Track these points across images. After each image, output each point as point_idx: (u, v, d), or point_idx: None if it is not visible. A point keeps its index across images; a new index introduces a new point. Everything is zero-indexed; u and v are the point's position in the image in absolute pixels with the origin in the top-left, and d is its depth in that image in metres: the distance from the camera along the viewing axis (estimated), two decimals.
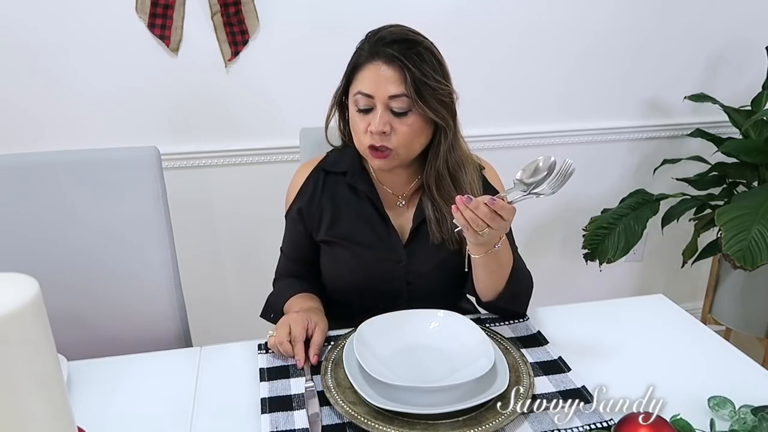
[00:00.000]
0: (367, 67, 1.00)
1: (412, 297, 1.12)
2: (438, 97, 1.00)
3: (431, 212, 1.09)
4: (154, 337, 1.21)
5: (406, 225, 1.12)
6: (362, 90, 1.00)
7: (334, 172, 1.14)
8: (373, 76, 0.99)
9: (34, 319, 0.52)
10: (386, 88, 0.98)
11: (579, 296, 2.14)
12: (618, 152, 2.08)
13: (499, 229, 0.89)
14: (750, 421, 0.80)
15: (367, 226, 1.11)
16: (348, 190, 1.12)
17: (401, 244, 1.11)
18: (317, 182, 1.14)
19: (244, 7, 1.63)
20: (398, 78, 0.98)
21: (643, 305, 1.17)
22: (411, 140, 1.02)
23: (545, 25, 1.84)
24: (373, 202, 1.11)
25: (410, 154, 1.05)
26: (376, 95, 0.99)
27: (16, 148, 1.63)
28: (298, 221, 1.14)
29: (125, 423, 0.86)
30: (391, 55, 0.98)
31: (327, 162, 1.15)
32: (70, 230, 1.16)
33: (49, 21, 1.56)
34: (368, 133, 1.01)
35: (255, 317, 1.18)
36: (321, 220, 1.12)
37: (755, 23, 1.97)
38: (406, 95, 0.98)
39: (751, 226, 1.54)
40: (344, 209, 1.12)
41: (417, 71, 0.97)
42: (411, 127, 1.01)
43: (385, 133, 1.00)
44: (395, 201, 1.13)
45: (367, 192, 1.11)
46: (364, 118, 1.02)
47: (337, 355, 0.95)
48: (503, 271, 1.03)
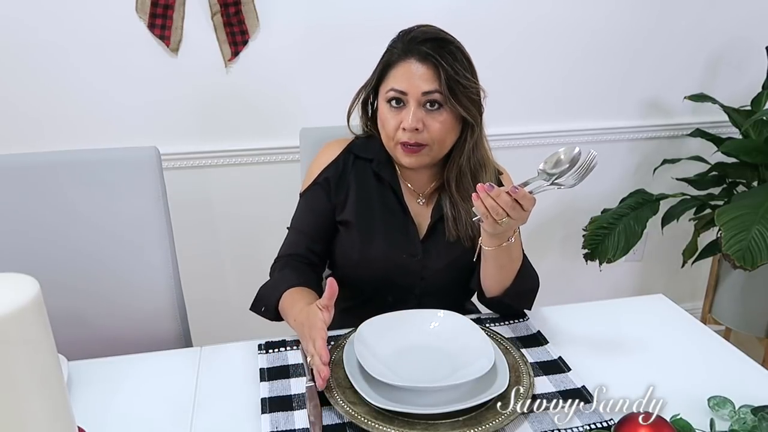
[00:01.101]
0: (400, 65, 1.03)
1: (423, 293, 1.13)
2: (468, 94, 1.03)
3: (449, 210, 1.11)
4: (154, 337, 1.21)
5: (424, 222, 1.14)
6: (395, 87, 1.03)
7: (362, 157, 1.14)
8: (407, 73, 1.02)
9: (34, 319, 0.52)
10: (420, 85, 1.01)
11: (579, 296, 2.14)
12: (618, 152, 2.08)
13: (519, 219, 0.90)
14: (750, 421, 0.80)
15: (389, 215, 1.12)
16: (373, 177, 1.14)
17: (419, 238, 1.12)
18: (347, 161, 1.14)
19: (244, 7, 1.63)
20: (432, 75, 1.01)
21: (643, 305, 1.17)
22: (443, 136, 1.05)
23: (545, 24, 1.84)
24: (396, 193, 1.13)
25: (442, 150, 1.07)
26: (409, 92, 1.02)
27: (16, 149, 1.63)
28: (324, 191, 1.13)
29: (125, 423, 0.86)
30: (425, 53, 1.01)
31: (355, 145, 1.16)
32: (70, 230, 1.16)
33: (48, 21, 1.56)
34: (400, 130, 1.03)
35: (255, 317, 1.18)
36: (347, 199, 1.13)
37: (755, 23, 1.97)
38: (440, 92, 1.01)
39: (751, 226, 1.54)
40: (369, 195, 1.13)
41: (450, 69, 1.00)
42: (443, 124, 1.03)
43: (418, 130, 1.02)
44: (415, 198, 1.15)
45: (391, 182, 1.13)
46: (396, 116, 1.04)
47: (337, 355, 0.95)
48: (513, 267, 1.04)
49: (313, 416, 0.83)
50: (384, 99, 1.05)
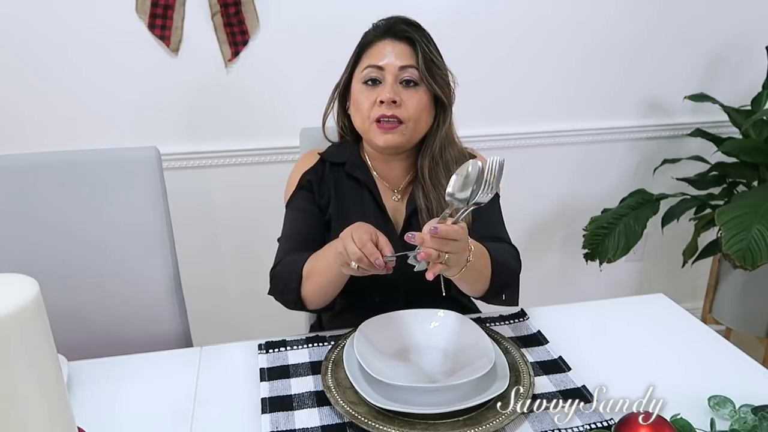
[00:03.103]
0: (376, 45, 1.07)
1: (409, 288, 1.11)
2: (442, 76, 1.06)
3: (422, 201, 1.10)
4: (154, 337, 1.21)
5: (400, 218, 1.14)
6: (372, 63, 1.05)
7: (334, 162, 1.15)
8: (384, 50, 1.05)
9: (34, 319, 0.52)
10: (397, 61, 1.04)
11: (579, 296, 2.14)
12: (618, 152, 2.08)
13: (459, 249, 0.85)
14: (750, 420, 0.80)
15: (366, 215, 1.12)
16: (348, 180, 1.14)
17: (396, 234, 1.12)
18: (324, 169, 1.16)
19: (244, 8, 1.63)
20: (409, 52, 1.05)
21: (643, 305, 1.17)
22: (419, 114, 1.06)
23: (545, 24, 1.84)
24: (371, 191, 1.13)
25: (417, 130, 1.08)
26: (386, 67, 1.04)
27: (16, 149, 1.63)
28: (309, 192, 1.14)
29: (125, 423, 0.86)
30: (402, 31, 1.05)
31: (327, 153, 1.18)
32: (70, 230, 1.16)
33: (49, 21, 1.56)
34: (376, 105, 1.04)
35: (255, 317, 1.18)
36: (329, 203, 1.13)
37: (755, 23, 1.97)
38: (416, 68, 1.04)
39: (751, 225, 1.54)
40: (347, 197, 1.13)
41: (426, 48, 1.04)
42: (420, 102, 1.05)
43: (395, 103, 1.03)
44: (390, 195, 1.15)
45: (365, 181, 1.13)
46: (372, 92, 1.05)
47: (337, 355, 0.95)
48: (484, 274, 0.99)
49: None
50: (360, 80, 1.07)
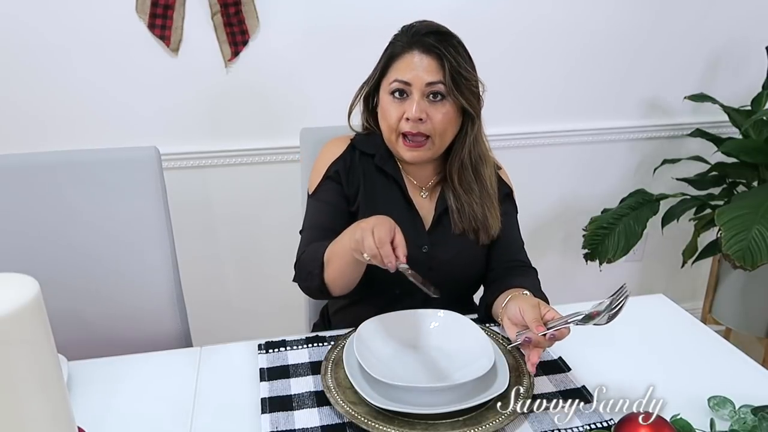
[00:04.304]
0: (404, 57, 1.05)
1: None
2: (470, 87, 1.05)
3: (453, 203, 1.12)
4: (154, 337, 1.21)
5: (428, 215, 1.14)
6: (399, 77, 1.04)
7: (365, 152, 1.15)
8: (411, 64, 1.04)
9: (34, 319, 0.52)
10: (424, 76, 1.03)
11: (579, 296, 2.14)
12: (618, 152, 2.08)
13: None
14: (750, 420, 0.80)
15: (394, 208, 1.12)
16: (377, 172, 1.14)
17: (425, 230, 1.13)
18: (353, 156, 1.15)
19: (244, 7, 1.63)
20: (436, 66, 1.03)
21: (643, 305, 1.17)
22: (445, 127, 1.06)
23: (545, 24, 1.84)
24: (400, 186, 1.13)
25: (443, 143, 1.08)
26: (413, 82, 1.03)
27: (17, 149, 1.63)
28: (337, 183, 1.12)
29: (125, 423, 0.86)
30: (430, 45, 1.03)
31: (357, 142, 1.16)
32: (70, 230, 1.16)
33: (49, 21, 1.56)
34: (403, 120, 1.05)
35: (255, 317, 1.18)
36: (357, 192, 1.12)
37: (755, 23, 1.97)
38: (443, 83, 1.03)
39: (751, 226, 1.54)
40: (376, 188, 1.13)
41: (453, 61, 1.02)
42: (446, 116, 1.05)
43: (422, 120, 1.03)
44: (418, 191, 1.16)
45: (394, 175, 1.13)
46: (400, 106, 1.05)
47: (337, 355, 0.95)
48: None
49: (417, 278, 0.85)
50: (387, 91, 1.06)
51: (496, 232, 1.13)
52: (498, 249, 1.15)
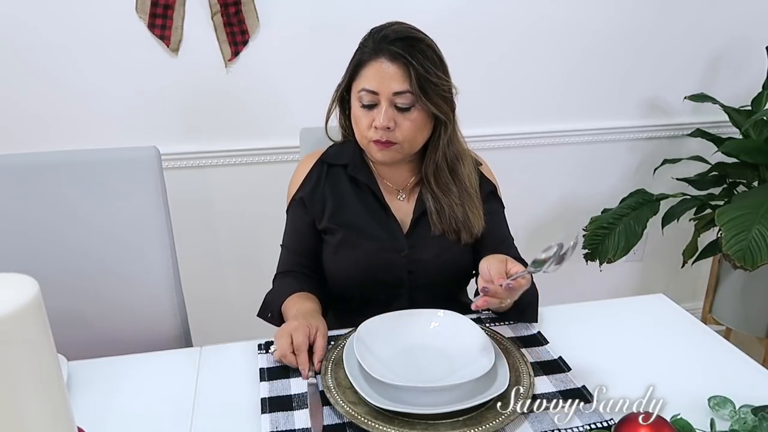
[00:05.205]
0: (371, 65, 1.03)
1: (413, 286, 1.13)
2: (440, 92, 1.03)
3: (431, 204, 1.12)
4: (154, 337, 1.21)
5: (406, 218, 1.14)
6: (366, 87, 1.03)
7: (335, 164, 1.15)
8: (378, 73, 1.02)
9: (34, 319, 0.52)
10: (391, 85, 1.01)
11: (579, 296, 2.13)
12: (618, 152, 2.08)
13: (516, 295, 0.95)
14: (750, 420, 0.80)
15: (368, 215, 1.12)
16: (349, 181, 1.14)
17: (402, 233, 1.12)
18: (320, 173, 1.15)
19: (244, 7, 1.63)
20: (402, 75, 1.01)
21: (643, 305, 1.17)
22: (414, 134, 1.05)
23: (545, 24, 1.84)
24: (374, 192, 1.13)
25: (413, 147, 1.08)
26: (380, 92, 1.02)
27: (17, 148, 1.63)
28: (301, 209, 1.15)
29: (125, 423, 0.86)
30: (396, 53, 1.01)
31: (328, 155, 1.17)
32: (70, 230, 1.16)
33: (49, 21, 1.56)
34: (372, 129, 1.04)
35: (255, 317, 1.18)
36: (324, 209, 1.13)
37: (755, 23, 1.97)
38: (410, 92, 1.01)
39: (751, 226, 1.54)
40: (346, 199, 1.13)
41: (420, 68, 1.00)
42: (414, 122, 1.04)
43: (390, 129, 1.03)
44: (396, 194, 1.16)
45: (367, 182, 1.13)
46: (368, 114, 1.04)
47: (337, 355, 0.95)
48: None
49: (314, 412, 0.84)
50: (356, 98, 1.06)
51: (480, 231, 1.13)
52: (488, 248, 1.13)
